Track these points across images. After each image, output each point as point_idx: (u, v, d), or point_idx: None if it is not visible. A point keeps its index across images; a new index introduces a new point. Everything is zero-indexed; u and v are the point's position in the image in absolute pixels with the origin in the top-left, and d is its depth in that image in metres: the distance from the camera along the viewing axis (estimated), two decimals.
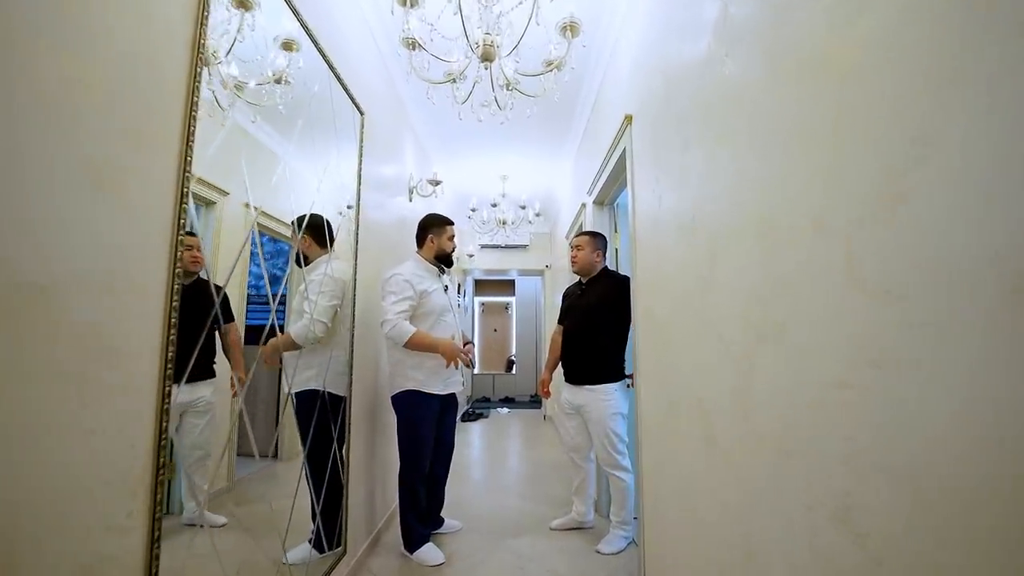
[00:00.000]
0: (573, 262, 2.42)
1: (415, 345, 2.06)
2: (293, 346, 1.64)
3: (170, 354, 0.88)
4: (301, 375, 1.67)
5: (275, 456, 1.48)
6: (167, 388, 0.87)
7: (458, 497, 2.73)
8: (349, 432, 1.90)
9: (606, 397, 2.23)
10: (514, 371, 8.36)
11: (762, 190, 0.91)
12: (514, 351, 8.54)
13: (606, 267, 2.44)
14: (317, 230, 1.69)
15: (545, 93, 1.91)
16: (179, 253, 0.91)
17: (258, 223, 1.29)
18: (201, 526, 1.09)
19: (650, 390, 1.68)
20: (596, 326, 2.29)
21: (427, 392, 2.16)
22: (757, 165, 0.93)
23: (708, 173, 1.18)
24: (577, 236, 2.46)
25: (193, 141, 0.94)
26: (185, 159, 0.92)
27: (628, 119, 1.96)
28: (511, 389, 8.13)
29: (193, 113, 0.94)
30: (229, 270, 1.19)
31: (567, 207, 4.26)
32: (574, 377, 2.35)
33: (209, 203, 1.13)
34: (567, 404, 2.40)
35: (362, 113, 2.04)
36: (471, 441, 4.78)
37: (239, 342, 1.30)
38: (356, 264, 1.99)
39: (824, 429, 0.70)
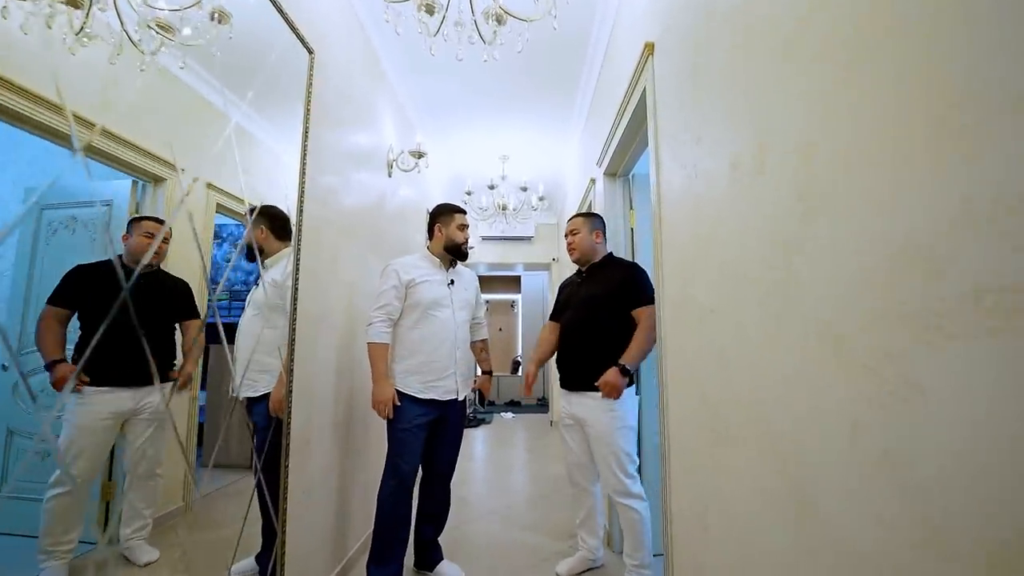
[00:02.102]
0: (571, 250, 2.03)
1: (369, 357, 1.82)
2: None
3: None
4: (253, 377, 1.39)
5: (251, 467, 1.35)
6: None
7: (454, 522, 2.28)
8: (286, 450, 1.47)
9: (612, 408, 1.79)
10: (520, 373, 7.91)
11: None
12: (520, 352, 8.09)
13: (611, 253, 2.03)
14: (276, 219, 1.46)
15: (541, 17, 1.46)
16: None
17: (222, 206, 1.19)
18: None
19: (684, 405, 1.22)
20: (599, 320, 1.86)
21: (407, 394, 1.82)
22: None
23: (786, 85, 0.72)
24: (570, 220, 2.08)
25: None
26: None
27: (649, 49, 1.50)
28: (517, 392, 7.68)
29: None
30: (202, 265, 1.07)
31: (574, 192, 3.80)
32: (572, 382, 1.91)
33: (157, 179, 1.00)
34: (566, 415, 1.97)
35: (310, 51, 1.61)
36: (471, 452, 4.34)
37: (198, 343, 1.17)
38: (298, 253, 1.56)
39: None
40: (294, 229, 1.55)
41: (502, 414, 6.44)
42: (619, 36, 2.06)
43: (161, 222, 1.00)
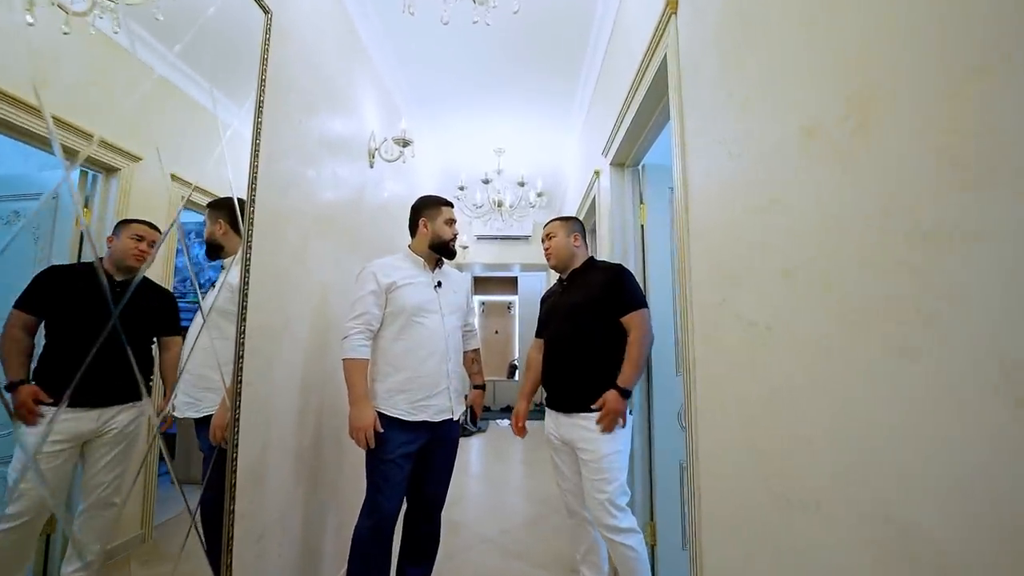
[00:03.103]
0: (548, 255, 1.84)
1: (345, 376, 1.56)
2: None
3: None
4: (195, 395, 1.19)
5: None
6: None
7: (444, 552, 2.01)
8: (230, 492, 1.21)
9: (607, 432, 1.55)
10: (517, 377, 7.65)
11: None
12: (517, 355, 7.83)
13: (591, 257, 1.82)
14: (236, 213, 1.28)
15: None
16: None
17: (191, 201, 1.10)
18: None
19: (724, 455, 0.96)
20: (585, 331, 1.64)
21: (392, 417, 1.56)
22: None
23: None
24: (546, 224, 1.89)
25: None
26: None
27: (671, 6, 1.24)
28: (513, 398, 7.41)
29: None
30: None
31: (575, 188, 3.54)
32: (561, 403, 1.68)
33: (110, 169, 0.91)
34: (555, 436, 1.72)
35: (266, 11, 1.35)
36: (464, 465, 4.08)
37: (176, 362, 1.07)
38: (249, 252, 1.30)
39: None
40: (244, 222, 1.29)
41: (498, 422, 6.18)
42: (630, 1, 1.80)
43: (153, 227, 0.95)
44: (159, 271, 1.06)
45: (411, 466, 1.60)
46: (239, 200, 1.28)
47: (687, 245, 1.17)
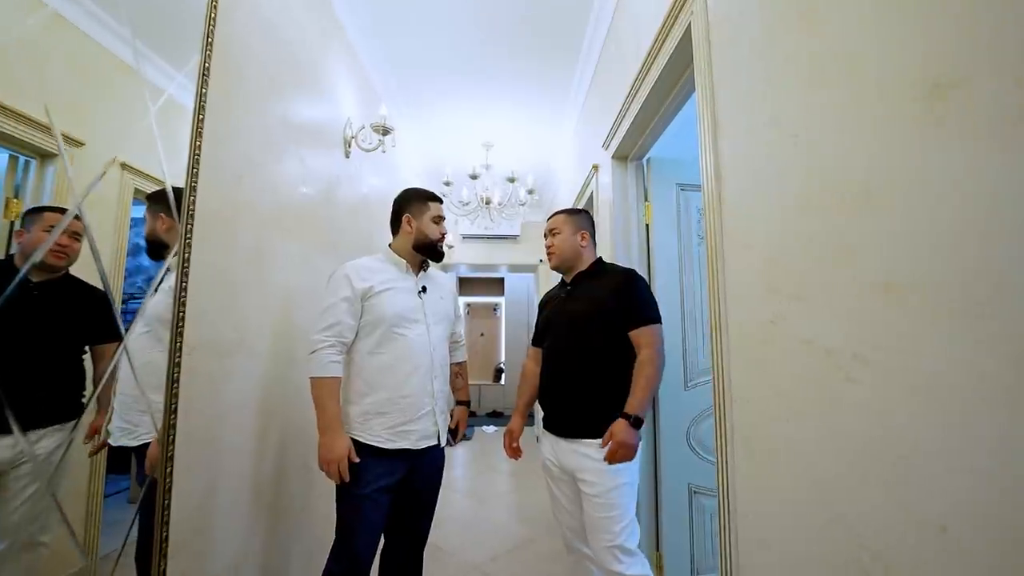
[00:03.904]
0: (550, 254, 1.57)
1: (314, 397, 1.33)
2: None
3: None
4: (132, 419, 1.00)
5: None
6: None
7: None
8: (159, 547, 0.98)
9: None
10: (503, 381, 7.44)
11: None
12: (503, 358, 7.62)
13: (600, 258, 1.56)
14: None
15: None
16: None
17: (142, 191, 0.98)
18: None
19: (789, 538, 0.78)
20: (591, 344, 1.40)
21: (369, 445, 1.34)
22: None
23: None
24: (550, 217, 1.61)
25: None
26: None
27: None
28: (500, 402, 7.21)
29: None
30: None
31: (567, 186, 3.36)
32: (560, 426, 1.44)
33: (45, 155, 0.80)
34: (552, 463, 1.48)
35: None
36: (448, 480, 3.82)
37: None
38: (188, 251, 1.06)
39: None
40: (182, 216, 1.05)
41: (484, 427, 5.96)
42: None
43: (75, 216, 0.82)
44: (113, 271, 0.91)
45: (390, 501, 1.38)
46: (175, 189, 1.05)
47: (719, 250, 0.98)
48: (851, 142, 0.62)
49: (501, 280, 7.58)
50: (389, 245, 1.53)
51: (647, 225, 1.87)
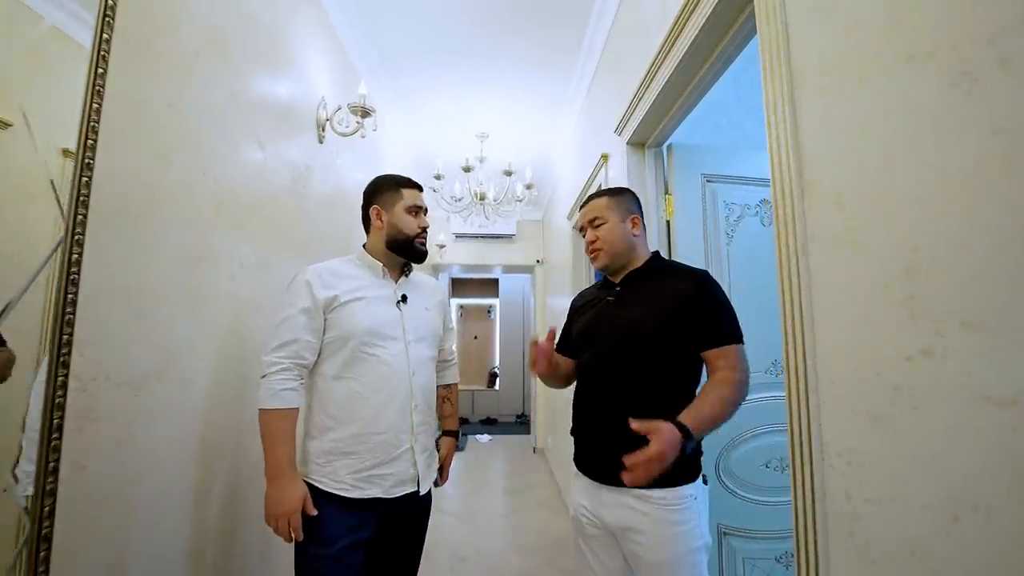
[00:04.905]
0: (594, 251, 1.17)
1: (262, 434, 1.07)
2: None
3: None
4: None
5: None
6: None
7: None
8: None
9: (681, 518, 0.99)
10: (497, 386, 7.17)
11: None
12: (497, 362, 7.35)
13: (656, 253, 1.20)
14: None
15: None
16: None
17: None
18: None
19: None
20: (656, 364, 1.05)
21: (330, 493, 1.08)
22: None
23: None
24: (586, 203, 1.22)
25: None
26: None
27: None
28: (494, 408, 6.94)
29: None
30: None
31: (568, 182, 3.10)
32: (601, 469, 1.07)
33: None
34: (587, 517, 1.11)
35: None
36: (436, 501, 3.57)
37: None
38: (78, 252, 0.79)
39: None
40: (67, 203, 0.77)
41: (477, 436, 5.69)
42: None
43: None
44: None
45: (362, 559, 1.11)
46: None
47: (795, 250, 0.72)
48: None
49: (495, 281, 7.31)
50: (363, 246, 1.26)
51: (668, 221, 1.61)
